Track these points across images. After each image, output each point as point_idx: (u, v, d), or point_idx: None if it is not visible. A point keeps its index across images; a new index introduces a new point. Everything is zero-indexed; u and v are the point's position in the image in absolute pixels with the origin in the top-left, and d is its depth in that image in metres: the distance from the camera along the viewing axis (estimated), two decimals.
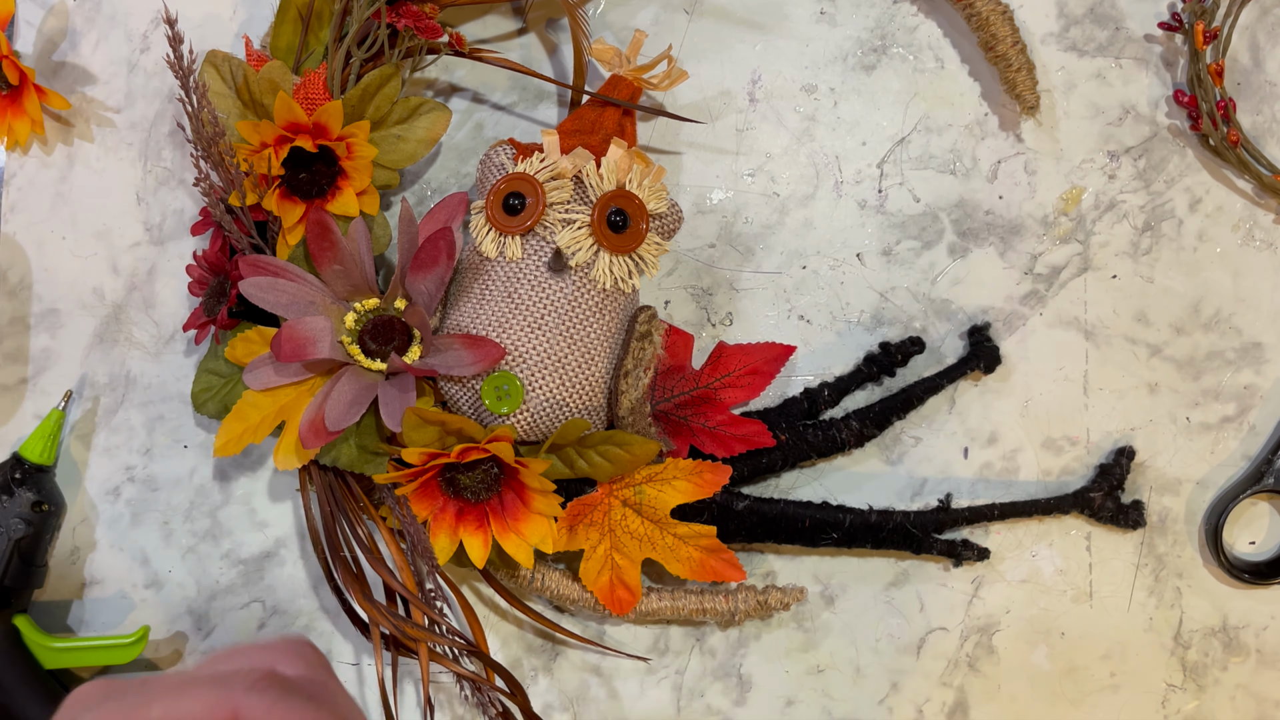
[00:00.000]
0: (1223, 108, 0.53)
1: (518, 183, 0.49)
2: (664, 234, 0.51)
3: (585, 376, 0.49)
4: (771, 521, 0.52)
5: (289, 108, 0.48)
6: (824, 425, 0.53)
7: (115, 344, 0.57)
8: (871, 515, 0.53)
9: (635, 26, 0.55)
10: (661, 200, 0.50)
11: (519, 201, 0.49)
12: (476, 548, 0.49)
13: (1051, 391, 0.55)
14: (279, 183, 0.50)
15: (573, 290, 0.49)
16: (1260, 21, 0.55)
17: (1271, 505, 0.56)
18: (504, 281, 0.49)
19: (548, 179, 0.49)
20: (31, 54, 0.58)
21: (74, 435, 0.57)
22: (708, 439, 0.52)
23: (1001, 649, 0.55)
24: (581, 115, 0.51)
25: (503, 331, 0.48)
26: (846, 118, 0.55)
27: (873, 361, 0.54)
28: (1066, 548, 0.55)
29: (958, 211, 0.55)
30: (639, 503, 0.50)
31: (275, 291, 0.49)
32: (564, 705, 0.56)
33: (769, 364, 0.53)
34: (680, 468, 0.50)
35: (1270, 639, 0.55)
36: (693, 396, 0.52)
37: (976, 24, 0.52)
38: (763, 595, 0.52)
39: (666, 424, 0.52)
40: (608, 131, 0.50)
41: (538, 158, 0.49)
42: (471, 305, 0.49)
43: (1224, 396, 0.55)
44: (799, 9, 0.55)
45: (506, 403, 0.48)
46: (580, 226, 0.49)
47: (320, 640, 0.56)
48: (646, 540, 0.51)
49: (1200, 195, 0.55)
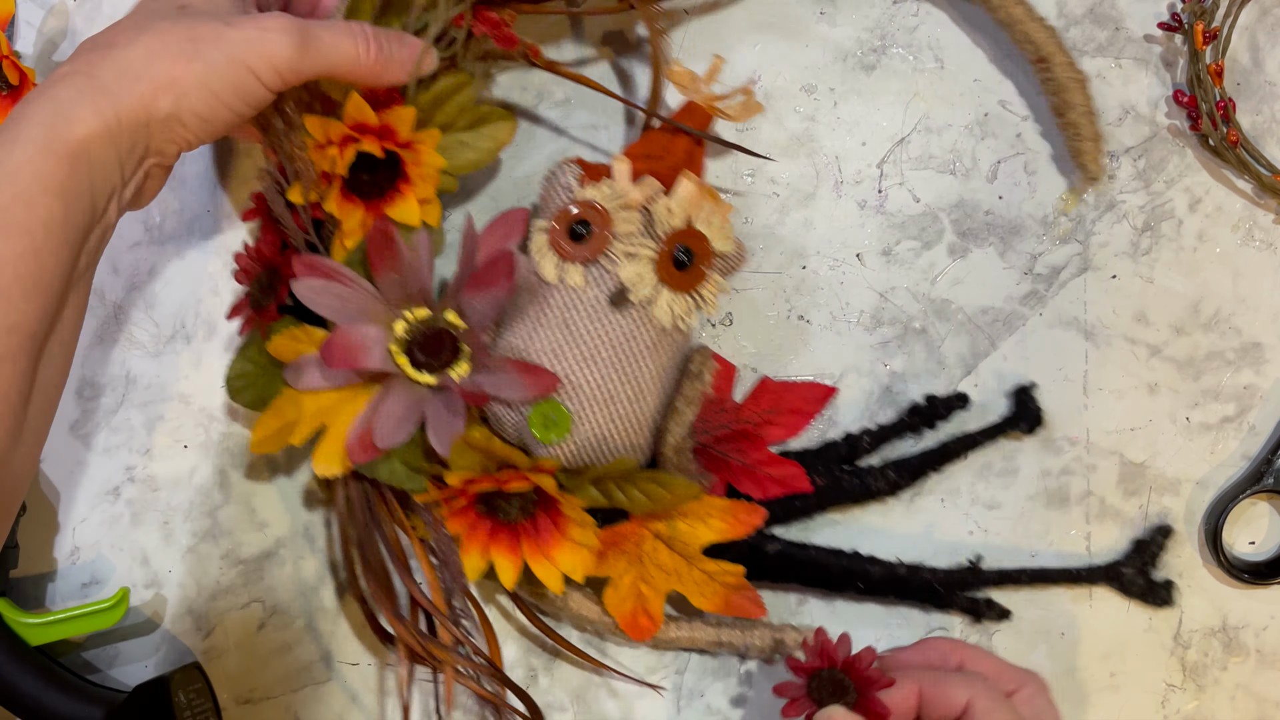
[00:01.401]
0: (1222, 108, 0.53)
1: (587, 211, 0.48)
2: (725, 273, 0.50)
3: (634, 413, 0.48)
4: (801, 566, 0.52)
5: (360, 109, 0.47)
6: (860, 473, 0.53)
7: (115, 344, 0.57)
8: (900, 569, 0.52)
9: (635, 27, 0.55)
10: (728, 240, 0.49)
11: (585, 229, 0.47)
12: (507, 569, 0.49)
13: (1051, 391, 0.55)
14: (340, 183, 0.48)
15: (630, 325, 0.48)
16: (1260, 21, 0.55)
17: (1271, 505, 0.56)
18: (561, 309, 0.48)
19: (617, 209, 0.48)
20: (32, 54, 0.58)
21: (74, 435, 0.57)
22: (745, 478, 0.51)
23: (1001, 649, 0.55)
24: (651, 140, 0.50)
25: (557, 360, 0.48)
26: (846, 118, 0.55)
27: (917, 413, 0.54)
28: (1066, 548, 0.55)
29: (958, 211, 0.55)
30: (671, 537, 0.50)
31: (328, 295, 0.48)
32: (563, 705, 0.56)
33: (810, 404, 0.53)
34: (716, 506, 0.49)
35: (1270, 639, 0.55)
36: (732, 431, 0.52)
37: (1052, 88, 0.52)
38: (779, 634, 0.52)
39: (705, 458, 0.51)
40: (678, 160, 0.49)
41: (606, 184, 0.48)
42: (526, 329, 0.49)
43: (1224, 396, 0.55)
44: (799, 9, 0.55)
45: (554, 431, 0.48)
46: (645, 261, 0.48)
47: (320, 641, 0.56)
48: (675, 574, 0.50)
49: (1200, 195, 0.55)
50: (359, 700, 0.56)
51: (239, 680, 0.56)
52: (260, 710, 0.57)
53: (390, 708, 0.56)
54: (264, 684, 0.57)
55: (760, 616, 0.51)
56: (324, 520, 0.56)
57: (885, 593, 0.53)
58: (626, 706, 0.55)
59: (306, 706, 0.56)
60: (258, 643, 0.57)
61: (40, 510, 0.56)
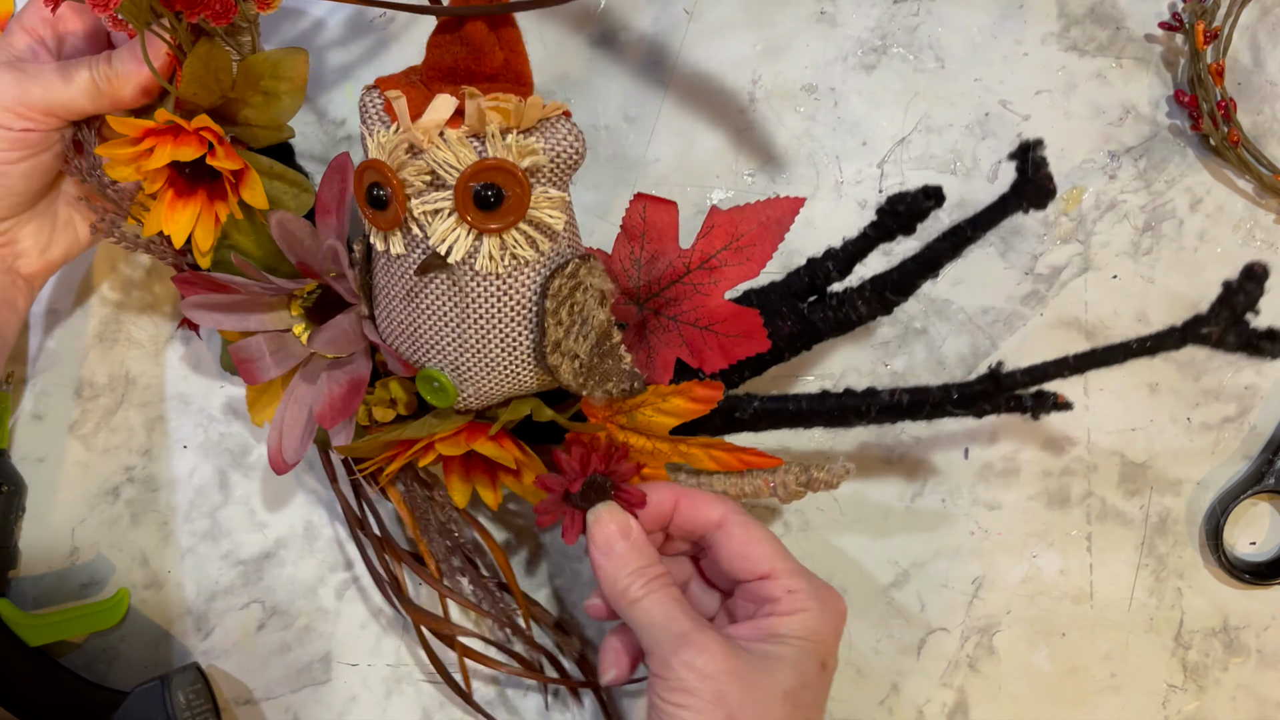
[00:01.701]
0: (1223, 108, 0.53)
1: (371, 173, 0.41)
2: (559, 179, 0.42)
3: (513, 359, 0.44)
4: (788, 418, 0.47)
5: (122, 124, 0.45)
6: (835, 303, 0.46)
7: (115, 344, 0.57)
8: (902, 398, 0.45)
9: (636, 26, 0.55)
10: (536, 153, 0.40)
11: (382, 193, 0.41)
12: (486, 492, 0.49)
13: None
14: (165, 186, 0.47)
15: (466, 281, 0.42)
16: (1261, 21, 0.55)
17: (1272, 505, 0.56)
18: (400, 280, 0.44)
19: (402, 160, 0.41)
20: None
21: (74, 435, 0.57)
22: (698, 343, 0.45)
23: (1002, 649, 0.55)
24: (440, 48, 0.42)
25: (414, 334, 0.44)
26: (846, 118, 0.55)
27: (883, 222, 0.43)
28: (1067, 548, 0.55)
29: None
30: (634, 425, 0.46)
31: (214, 308, 0.47)
32: (564, 706, 0.56)
33: (773, 226, 0.44)
34: (665, 393, 0.45)
35: (1271, 639, 0.55)
36: (684, 284, 0.45)
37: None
38: (805, 474, 0.47)
39: (654, 332, 0.46)
40: (483, 54, 0.41)
41: (385, 135, 0.41)
42: (384, 306, 0.45)
43: (1224, 397, 0.55)
44: (799, 9, 0.55)
45: (444, 397, 0.45)
46: (448, 214, 0.41)
47: (320, 642, 0.56)
48: (659, 453, 0.47)
49: (1201, 195, 0.55)
50: (359, 700, 0.56)
51: (239, 680, 0.56)
52: (260, 710, 0.57)
53: (391, 707, 0.56)
54: (264, 684, 0.57)
55: (777, 464, 0.47)
56: (325, 520, 0.56)
57: (895, 418, 0.46)
58: (626, 705, 0.55)
59: (306, 706, 0.56)
60: (258, 643, 0.56)
61: (40, 510, 0.56)
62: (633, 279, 0.46)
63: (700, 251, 0.45)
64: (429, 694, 0.56)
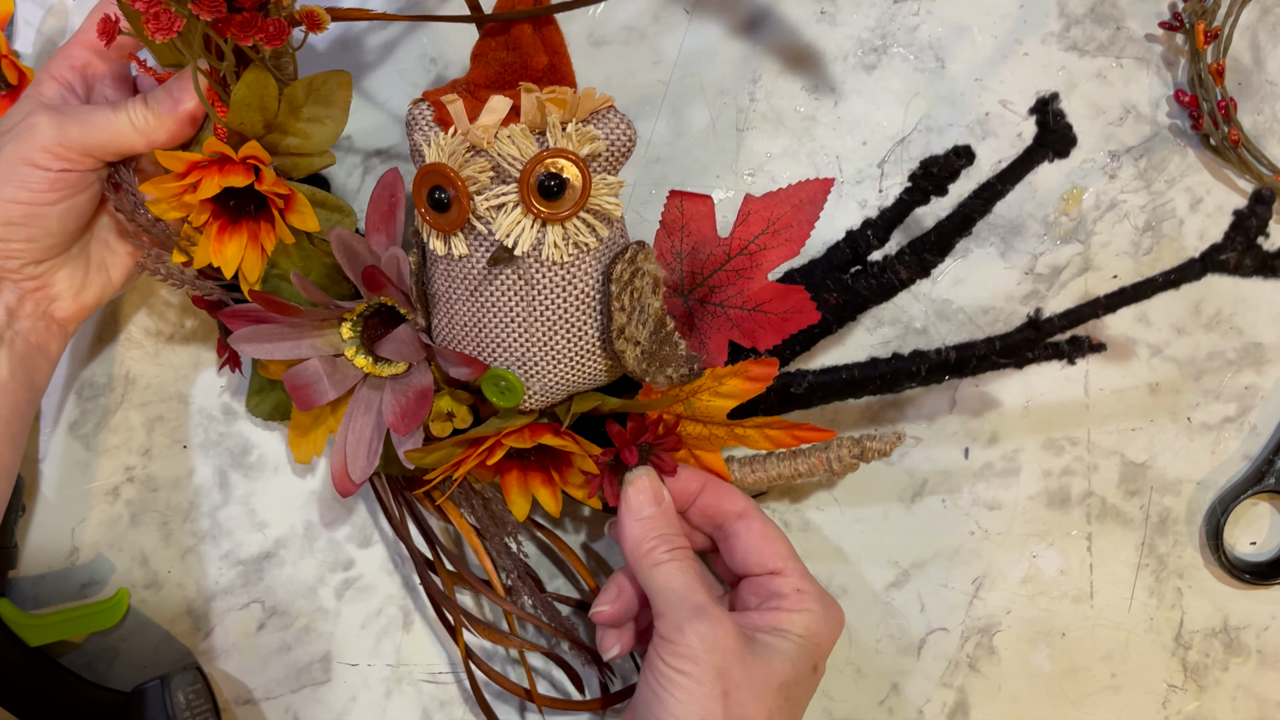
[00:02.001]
0: (1223, 107, 0.53)
1: (433, 176, 0.43)
2: (613, 166, 0.44)
3: (578, 350, 0.45)
4: (840, 389, 0.48)
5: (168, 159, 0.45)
6: (876, 270, 0.47)
7: (115, 344, 0.57)
8: (950, 355, 0.46)
9: (635, 26, 0.55)
10: (595, 141, 0.42)
11: (444, 195, 0.42)
12: (547, 499, 0.49)
13: (1052, 391, 0.55)
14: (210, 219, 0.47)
15: (533, 273, 0.43)
16: (1261, 21, 0.55)
17: (1272, 505, 0.56)
18: (464, 281, 0.45)
19: (463, 161, 0.42)
20: (31, 54, 0.58)
21: (74, 435, 0.57)
22: (748, 324, 0.47)
23: (1002, 649, 0.55)
24: (487, 56, 0.43)
25: (480, 334, 0.45)
26: (846, 118, 0.55)
27: (918, 186, 0.45)
28: (1067, 548, 0.55)
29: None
30: (692, 413, 0.47)
31: (263, 337, 0.47)
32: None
33: (806, 208, 0.46)
34: (722, 375, 0.46)
35: (1271, 639, 0.55)
36: (725, 274, 0.47)
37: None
38: (858, 446, 0.48)
39: (702, 319, 0.47)
40: (527, 56, 0.43)
41: (443, 139, 0.43)
42: (444, 307, 0.46)
43: (1225, 397, 0.55)
44: (799, 9, 0.55)
45: (509, 397, 0.46)
46: (514, 206, 0.42)
47: (320, 643, 0.56)
48: (715, 438, 0.48)
49: (1201, 195, 0.55)
50: (359, 700, 0.56)
51: (239, 680, 0.56)
52: (260, 710, 0.57)
53: (390, 707, 0.56)
54: (264, 684, 0.57)
55: (830, 437, 0.48)
56: (322, 523, 0.56)
57: (944, 376, 0.47)
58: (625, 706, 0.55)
59: (306, 706, 0.56)
60: (258, 643, 0.57)
61: (40, 510, 0.56)
62: (675, 271, 0.48)
63: (739, 239, 0.47)
64: (429, 694, 0.56)
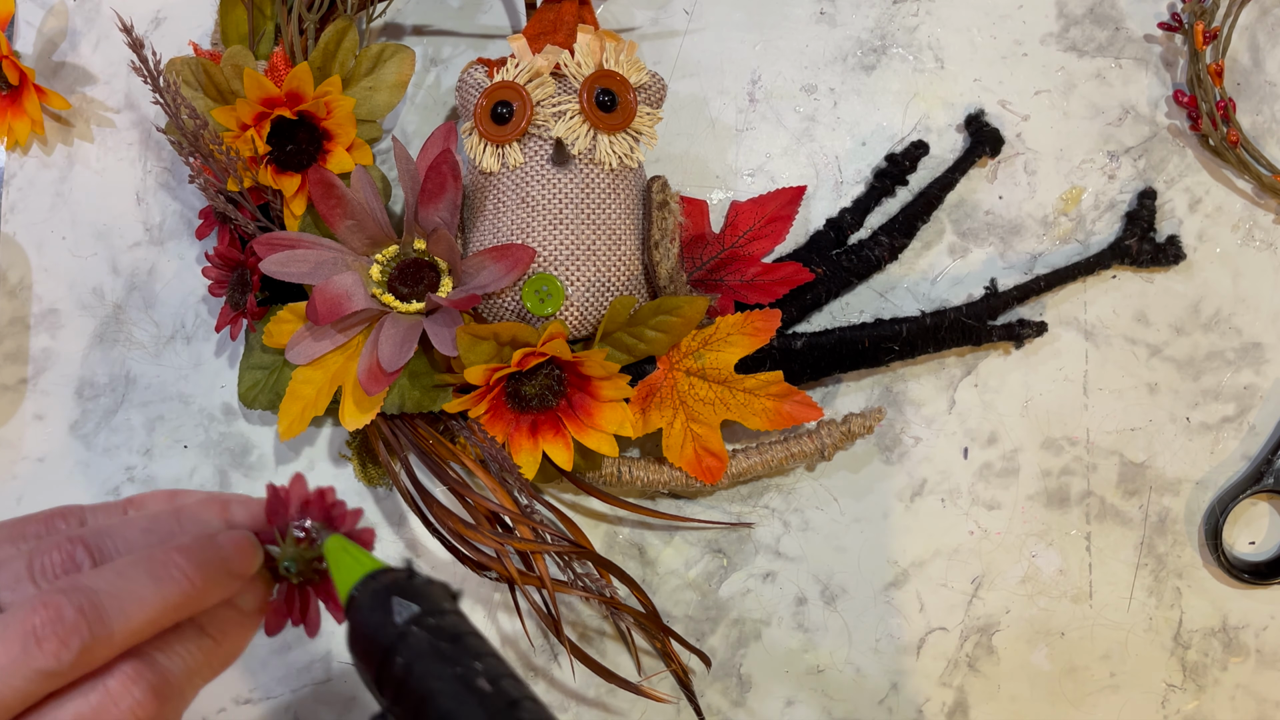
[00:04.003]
0: (1222, 108, 0.53)
1: (501, 91, 0.49)
2: (653, 103, 0.51)
3: (618, 257, 0.50)
4: (833, 351, 0.52)
5: (259, 83, 0.48)
6: (855, 249, 0.54)
7: (115, 344, 0.57)
8: (926, 319, 0.52)
9: (635, 25, 0.55)
10: (642, 71, 0.50)
11: (507, 110, 0.49)
12: (559, 452, 0.50)
13: (1051, 391, 0.55)
14: (268, 160, 0.50)
15: (582, 178, 0.49)
16: (1260, 21, 0.55)
17: (1271, 505, 0.56)
18: (514, 190, 0.49)
19: (527, 80, 0.49)
20: (31, 54, 0.58)
21: (74, 435, 0.57)
22: (749, 292, 0.52)
23: (1001, 649, 0.55)
24: (540, 18, 0.52)
25: (526, 236, 0.49)
26: (846, 118, 0.55)
27: (884, 175, 0.54)
28: (1066, 548, 0.55)
29: (958, 212, 0.55)
30: (701, 368, 0.50)
31: (296, 262, 0.49)
32: (563, 706, 0.56)
33: (785, 208, 0.54)
34: (731, 324, 0.50)
35: (1270, 639, 0.55)
36: (722, 259, 0.53)
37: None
38: (844, 425, 0.53)
39: (706, 289, 0.53)
40: (569, 25, 0.51)
41: (512, 64, 0.49)
42: (489, 222, 0.50)
43: (1224, 397, 0.55)
44: (799, 9, 0.55)
45: (550, 303, 0.49)
46: (572, 115, 0.49)
47: (320, 642, 0.56)
48: (719, 402, 0.51)
49: (1200, 195, 0.55)
50: (359, 700, 0.56)
51: (239, 680, 0.56)
52: (260, 710, 0.57)
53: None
54: (264, 684, 0.57)
55: (817, 417, 0.51)
56: None
57: (922, 348, 0.53)
58: (627, 706, 0.55)
59: (306, 706, 0.56)
60: (258, 643, 0.56)
61: None
62: None
63: (730, 237, 0.54)
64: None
